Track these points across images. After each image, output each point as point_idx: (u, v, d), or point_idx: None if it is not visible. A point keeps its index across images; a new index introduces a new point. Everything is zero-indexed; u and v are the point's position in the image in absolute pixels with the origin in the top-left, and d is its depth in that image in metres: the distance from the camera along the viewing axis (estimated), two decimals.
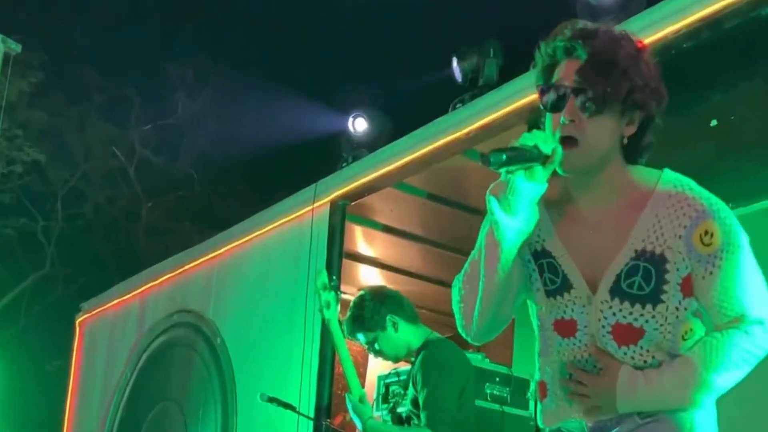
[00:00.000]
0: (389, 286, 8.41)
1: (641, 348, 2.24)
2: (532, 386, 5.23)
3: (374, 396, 5.47)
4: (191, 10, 17.12)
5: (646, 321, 2.21)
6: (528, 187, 2.16)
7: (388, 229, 7.37)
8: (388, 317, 4.34)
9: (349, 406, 4.26)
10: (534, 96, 5.40)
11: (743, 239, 2.24)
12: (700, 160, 4.39)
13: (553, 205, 2.33)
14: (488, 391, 5.20)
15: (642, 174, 2.30)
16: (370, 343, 4.41)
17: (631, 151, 2.29)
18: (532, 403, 5.13)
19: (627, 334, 2.23)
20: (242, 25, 17.52)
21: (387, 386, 5.40)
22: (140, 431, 8.15)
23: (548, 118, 2.25)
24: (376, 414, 5.15)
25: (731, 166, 4.46)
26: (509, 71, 5.60)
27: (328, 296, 4.45)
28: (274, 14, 17.46)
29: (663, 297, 2.21)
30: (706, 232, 2.20)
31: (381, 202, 6.88)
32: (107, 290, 9.50)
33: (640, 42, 2.30)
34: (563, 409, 2.34)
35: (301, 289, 6.46)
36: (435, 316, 8.81)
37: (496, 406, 5.15)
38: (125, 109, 17.28)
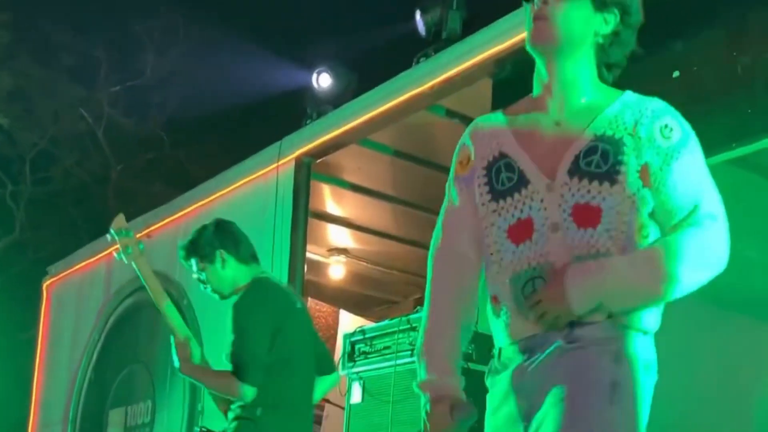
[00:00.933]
0: (358, 246, 8.51)
1: (599, 234, 2.21)
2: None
3: (340, 354, 5.40)
4: None
5: (603, 199, 2.22)
6: None
7: (356, 188, 7.34)
8: (217, 251, 4.28)
9: (173, 348, 4.22)
10: (498, 48, 5.35)
11: (698, 145, 2.30)
12: None
13: (517, 117, 2.41)
14: None
15: (608, 88, 2.40)
16: (199, 272, 4.36)
17: (603, 61, 2.39)
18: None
19: (586, 216, 2.22)
20: None
21: (353, 344, 5.32)
22: (109, 394, 8.12)
23: (527, 9, 2.38)
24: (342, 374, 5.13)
25: (695, 116, 4.41)
26: (473, 23, 5.54)
27: (126, 239, 4.42)
28: None
29: (619, 178, 2.23)
30: (666, 126, 2.27)
31: (348, 159, 6.84)
32: (73, 253, 9.41)
33: None
34: (519, 323, 2.27)
35: (267, 248, 6.37)
36: (406, 277, 8.83)
37: (461, 363, 5.10)
38: (93, 70, 17.06)
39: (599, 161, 2.23)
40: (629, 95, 2.35)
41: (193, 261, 4.37)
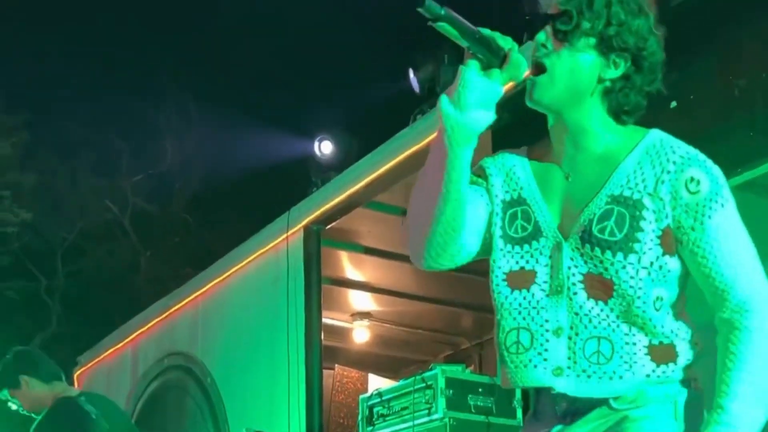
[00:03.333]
0: (381, 308, 8.44)
1: (611, 310, 2.08)
2: (518, 392, 5.16)
3: (358, 419, 5.37)
4: (164, 56, 17.28)
5: (617, 271, 2.07)
6: (481, 83, 2.03)
7: (370, 251, 7.30)
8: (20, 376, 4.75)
9: None
10: None
11: (730, 195, 2.10)
12: None
13: (537, 158, 2.24)
14: (471, 403, 5.06)
15: (629, 129, 2.19)
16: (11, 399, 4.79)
17: (616, 107, 2.16)
18: (519, 411, 5.00)
19: (598, 287, 2.09)
20: (210, 64, 17.69)
21: (370, 408, 5.30)
22: None
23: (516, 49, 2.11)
24: None
25: (697, 145, 4.33)
26: None
27: None
28: (229, 53, 17.68)
29: (636, 246, 2.07)
30: (692, 179, 2.07)
31: (358, 223, 6.82)
32: (100, 341, 9.45)
33: None
34: (511, 370, 2.17)
35: (282, 318, 6.42)
36: (433, 335, 8.73)
37: (481, 418, 5.02)
38: (114, 161, 17.37)
39: (613, 228, 2.08)
40: (653, 137, 2.14)
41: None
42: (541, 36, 2.13)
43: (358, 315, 8.43)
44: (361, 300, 8.17)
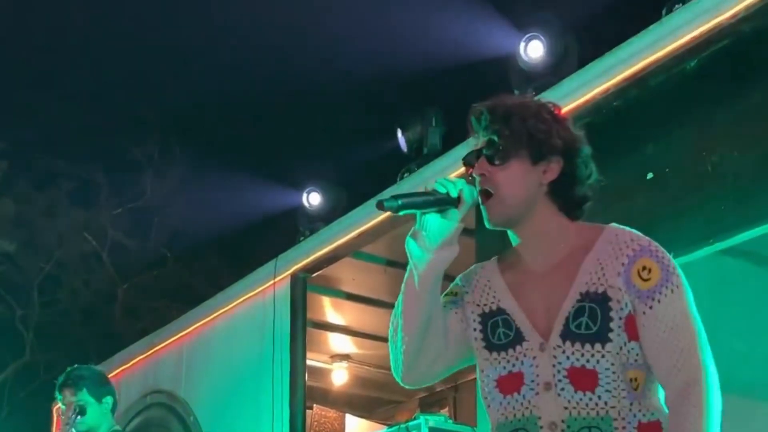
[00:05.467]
0: (360, 351, 8.62)
1: (599, 398, 2.24)
2: None
3: None
4: (147, 95, 17.38)
5: (597, 361, 2.23)
6: (441, 225, 2.31)
7: (353, 297, 7.50)
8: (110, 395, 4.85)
9: None
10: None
11: (684, 283, 2.28)
12: (638, 210, 4.50)
13: (508, 267, 2.44)
14: None
15: (586, 227, 2.40)
16: (81, 407, 4.73)
17: (565, 204, 2.39)
18: None
19: (582, 379, 2.24)
20: (193, 108, 17.82)
21: None
22: None
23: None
24: None
25: (671, 215, 4.55)
26: (452, 138, 5.73)
27: None
28: (220, 97, 17.84)
29: (610, 335, 2.24)
30: (644, 268, 2.27)
31: (343, 271, 7.01)
32: None
33: (555, 106, 2.47)
34: None
35: (267, 360, 6.58)
36: None
37: None
38: (93, 193, 17.40)
39: (588, 323, 2.25)
40: (609, 233, 2.35)
41: (83, 392, 4.78)
42: (479, 170, 2.36)
43: (338, 357, 8.62)
44: (341, 343, 8.35)
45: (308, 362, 6.80)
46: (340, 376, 8.82)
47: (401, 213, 2.29)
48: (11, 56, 17.66)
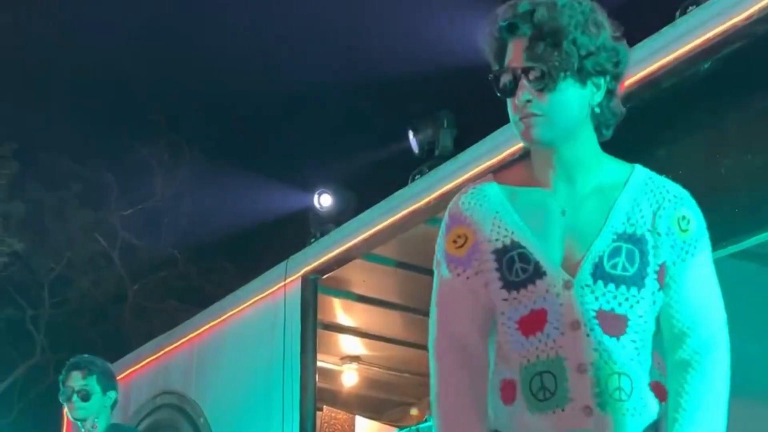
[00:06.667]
0: (370, 353, 8.62)
1: (623, 345, 2.13)
2: None
3: None
4: (157, 96, 17.42)
5: (630, 306, 2.13)
6: None
7: (363, 299, 7.48)
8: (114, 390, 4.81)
9: None
10: (490, 163, 5.52)
11: (709, 247, 2.24)
12: None
13: (518, 194, 2.25)
14: None
15: (615, 162, 2.27)
16: (86, 392, 4.71)
17: (601, 124, 2.23)
18: None
19: (612, 323, 2.12)
20: (204, 110, 17.87)
21: None
22: None
23: (509, 103, 2.20)
24: None
25: None
26: (464, 139, 5.72)
27: None
28: (231, 99, 17.86)
29: (646, 281, 2.15)
30: (684, 217, 2.19)
31: (353, 273, 6.99)
32: None
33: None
34: (527, 418, 2.15)
35: (277, 362, 6.57)
36: (418, 379, 8.88)
37: None
38: (103, 194, 17.44)
39: (625, 263, 2.13)
40: (642, 174, 2.24)
41: (91, 379, 4.78)
42: (524, 96, 2.13)
43: (348, 358, 8.61)
44: (351, 344, 8.34)
45: (318, 364, 6.79)
46: (350, 378, 8.81)
47: None
48: (23, 58, 17.71)
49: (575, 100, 2.15)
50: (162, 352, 8.16)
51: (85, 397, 4.70)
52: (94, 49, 18.09)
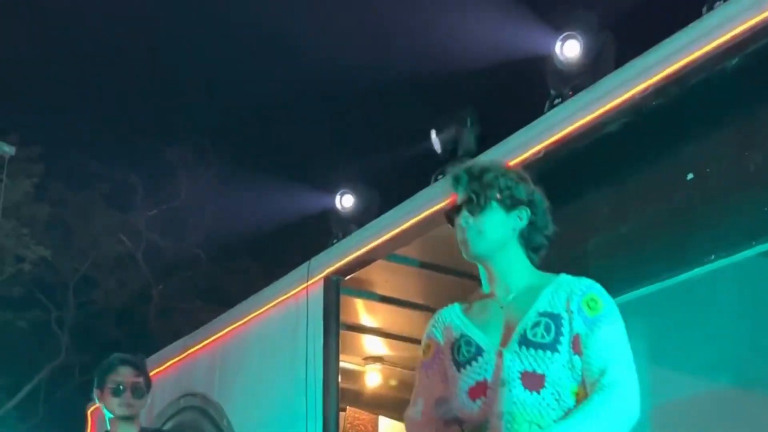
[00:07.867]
0: (394, 353, 8.58)
1: (543, 398, 2.68)
2: None
3: None
4: (181, 98, 17.47)
5: (547, 367, 2.69)
6: None
7: (386, 299, 7.43)
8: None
9: None
10: (513, 163, 5.44)
11: (622, 323, 2.78)
12: (678, 211, 4.42)
13: (472, 305, 2.95)
14: None
15: (543, 274, 2.92)
16: (140, 389, 4.63)
17: (528, 244, 2.92)
18: None
19: (533, 381, 2.69)
20: (227, 111, 17.90)
21: None
22: None
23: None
24: None
25: (712, 217, 4.45)
26: (487, 140, 5.65)
27: None
28: (255, 100, 17.89)
29: (559, 347, 2.71)
30: (593, 299, 2.79)
31: (375, 274, 6.94)
32: None
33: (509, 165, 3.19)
34: None
35: (300, 363, 6.54)
36: None
37: None
38: (128, 195, 17.50)
39: (543, 333, 2.73)
40: (563, 277, 2.87)
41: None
42: (462, 220, 2.89)
43: (371, 359, 8.58)
44: (374, 345, 8.30)
45: (341, 364, 6.76)
46: (373, 378, 8.78)
47: None
48: (48, 60, 17.79)
49: (500, 224, 2.89)
50: (186, 354, 8.15)
51: (142, 395, 4.64)
52: (119, 51, 18.17)
